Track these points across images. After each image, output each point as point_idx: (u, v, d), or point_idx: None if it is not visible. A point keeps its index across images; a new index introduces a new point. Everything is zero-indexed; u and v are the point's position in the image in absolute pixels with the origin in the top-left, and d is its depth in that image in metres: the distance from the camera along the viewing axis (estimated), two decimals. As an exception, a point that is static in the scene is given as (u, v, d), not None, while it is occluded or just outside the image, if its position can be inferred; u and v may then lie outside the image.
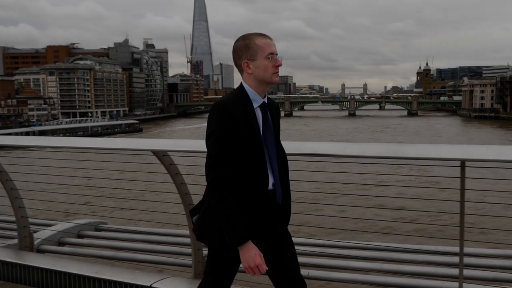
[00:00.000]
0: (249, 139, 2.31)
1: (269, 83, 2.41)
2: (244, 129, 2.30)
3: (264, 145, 2.37)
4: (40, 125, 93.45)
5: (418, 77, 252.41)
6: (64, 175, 6.23)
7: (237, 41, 2.42)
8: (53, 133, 78.42)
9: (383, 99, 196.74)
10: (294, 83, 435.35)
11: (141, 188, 10.02)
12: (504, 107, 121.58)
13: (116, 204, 13.32)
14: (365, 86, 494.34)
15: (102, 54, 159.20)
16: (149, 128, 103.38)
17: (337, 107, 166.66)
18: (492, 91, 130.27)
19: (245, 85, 2.40)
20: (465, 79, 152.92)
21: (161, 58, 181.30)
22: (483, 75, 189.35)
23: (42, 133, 76.41)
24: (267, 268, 2.32)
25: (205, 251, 3.82)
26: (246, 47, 2.37)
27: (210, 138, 2.30)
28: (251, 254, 2.26)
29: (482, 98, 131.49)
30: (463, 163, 2.97)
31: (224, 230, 2.28)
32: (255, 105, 2.38)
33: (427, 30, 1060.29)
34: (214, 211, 2.30)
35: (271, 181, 2.40)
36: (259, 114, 2.39)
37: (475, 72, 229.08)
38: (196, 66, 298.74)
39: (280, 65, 2.41)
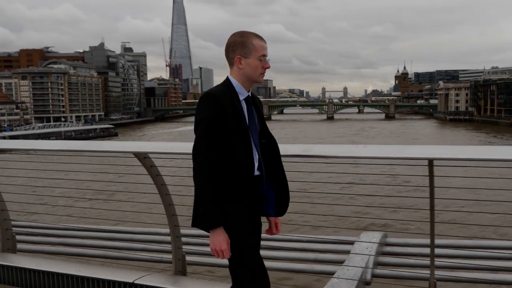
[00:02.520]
0: (237, 128, 2.47)
1: (255, 82, 2.59)
2: (232, 119, 2.45)
3: (250, 134, 2.53)
4: (12, 130, 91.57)
5: (396, 81, 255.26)
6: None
7: (234, 35, 2.57)
8: (25, 138, 76.84)
9: (361, 103, 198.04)
10: (274, 87, 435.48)
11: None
12: (478, 110, 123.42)
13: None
14: (345, 90, 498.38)
15: (77, 58, 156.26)
16: (124, 132, 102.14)
17: (316, 110, 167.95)
18: (466, 94, 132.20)
19: (232, 79, 2.56)
20: (441, 82, 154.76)
21: (138, 62, 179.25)
22: (460, 79, 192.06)
23: (13, 138, 74.88)
24: (230, 255, 2.46)
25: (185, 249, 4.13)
26: (242, 44, 2.53)
27: (200, 126, 2.44)
28: (219, 239, 2.42)
29: (457, 101, 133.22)
30: (431, 162, 3.21)
31: (201, 211, 2.43)
32: (241, 97, 2.54)
33: (406, 34, 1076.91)
34: (196, 194, 2.45)
35: (256, 167, 2.57)
36: (244, 106, 2.54)
37: (452, 76, 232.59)
38: (175, 70, 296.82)
39: (269, 67, 2.59)
